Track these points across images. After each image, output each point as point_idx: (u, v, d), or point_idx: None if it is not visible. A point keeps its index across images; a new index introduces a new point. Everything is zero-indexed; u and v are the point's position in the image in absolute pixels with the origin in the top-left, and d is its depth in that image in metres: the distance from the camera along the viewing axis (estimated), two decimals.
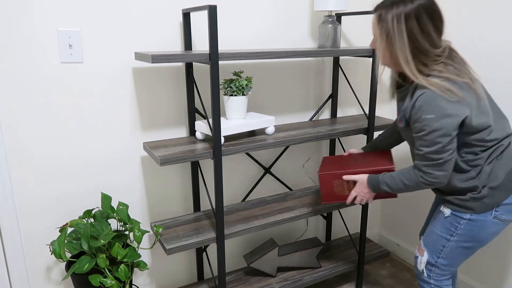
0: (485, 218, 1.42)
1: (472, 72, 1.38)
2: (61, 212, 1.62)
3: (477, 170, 1.39)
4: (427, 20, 1.31)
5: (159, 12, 1.62)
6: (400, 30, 1.31)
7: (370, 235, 2.57)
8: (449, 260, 1.49)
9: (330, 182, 1.60)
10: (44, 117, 1.51)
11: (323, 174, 1.59)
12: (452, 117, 1.29)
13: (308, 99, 2.08)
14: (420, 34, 1.31)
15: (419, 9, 1.30)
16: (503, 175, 1.40)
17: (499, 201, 1.41)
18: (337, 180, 1.60)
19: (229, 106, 1.64)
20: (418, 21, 1.31)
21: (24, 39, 1.42)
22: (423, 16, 1.30)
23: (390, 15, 1.32)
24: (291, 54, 1.58)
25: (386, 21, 1.33)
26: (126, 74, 1.61)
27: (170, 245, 1.54)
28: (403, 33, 1.31)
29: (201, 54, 1.40)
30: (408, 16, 1.30)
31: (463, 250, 1.47)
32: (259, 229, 1.71)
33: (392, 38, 1.33)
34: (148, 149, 1.58)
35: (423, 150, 1.35)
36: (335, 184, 1.61)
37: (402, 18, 1.31)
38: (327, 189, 1.62)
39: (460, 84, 1.32)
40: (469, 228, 1.44)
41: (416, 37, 1.31)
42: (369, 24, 2.14)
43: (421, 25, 1.31)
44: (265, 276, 1.96)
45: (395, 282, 2.23)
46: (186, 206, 1.89)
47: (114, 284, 1.43)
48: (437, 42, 1.34)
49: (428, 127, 1.32)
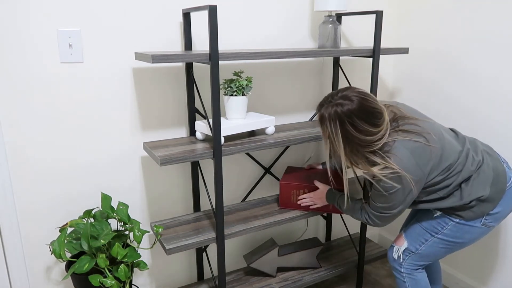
0: (473, 224, 1.47)
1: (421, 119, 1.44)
2: (61, 212, 1.62)
3: (456, 194, 1.44)
4: (359, 121, 1.33)
5: (159, 12, 1.62)
6: (337, 132, 1.35)
7: (370, 235, 2.57)
8: (427, 252, 1.54)
9: (289, 191, 1.80)
10: (44, 117, 1.51)
11: (284, 183, 1.79)
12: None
13: (309, 99, 2.08)
14: (356, 134, 1.34)
15: (350, 114, 1.33)
16: (488, 188, 1.43)
17: (488, 210, 1.45)
18: (294, 190, 1.80)
19: (229, 106, 1.64)
20: (352, 125, 1.33)
21: (24, 39, 1.42)
22: (354, 119, 1.33)
23: (327, 119, 1.36)
24: (291, 54, 1.58)
25: (326, 124, 1.37)
26: (126, 74, 1.61)
27: (170, 245, 1.54)
28: (340, 134, 1.35)
29: (201, 54, 1.40)
30: (343, 122, 1.33)
31: (444, 247, 1.52)
32: (259, 229, 1.71)
33: (335, 139, 1.37)
34: (148, 149, 1.58)
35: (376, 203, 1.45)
36: (292, 194, 1.81)
37: (337, 122, 1.34)
38: (285, 196, 1.82)
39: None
40: (456, 230, 1.49)
41: (355, 136, 1.34)
42: (369, 24, 2.14)
43: (356, 127, 1.33)
44: (265, 276, 1.96)
45: (395, 282, 2.22)
46: (186, 206, 1.89)
47: (114, 284, 1.43)
48: (375, 131, 1.35)
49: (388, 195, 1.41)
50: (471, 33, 1.86)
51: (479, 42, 1.83)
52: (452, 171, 1.41)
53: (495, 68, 1.78)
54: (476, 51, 1.85)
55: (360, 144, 1.36)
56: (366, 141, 1.35)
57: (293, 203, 1.82)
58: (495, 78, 1.79)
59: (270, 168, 2.03)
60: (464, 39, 1.89)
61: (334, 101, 1.36)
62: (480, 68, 1.84)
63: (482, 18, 1.80)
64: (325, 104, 1.38)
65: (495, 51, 1.77)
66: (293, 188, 1.79)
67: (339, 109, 1.33)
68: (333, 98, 1.37)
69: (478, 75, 1.86)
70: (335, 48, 1.82)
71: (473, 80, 1.88)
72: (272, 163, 2.03)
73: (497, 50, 1.77)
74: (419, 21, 2.09)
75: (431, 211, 1.54)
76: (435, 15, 2.01)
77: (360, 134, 1.34)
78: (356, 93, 1.36)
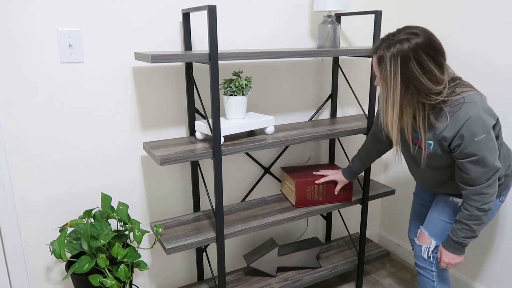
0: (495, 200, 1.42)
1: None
2: (61, 212, 1.62)
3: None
4: (427, 58, 1.24)
5: (159, 12, 1.62)
6: (397, 72, 1.25)
7: (370, 235, 2.57)
8: None
9: (305, 188, 1.83)
10: (44, 117, 1.51)
11: (300, 181, 1.81)
12: (491, 127, 1.29)
13: (308, 99, 2.08)
14: (421, 74, 1.24)
15: (417, 48, 1.23)
16: (509, 160, 1.41)
17: (509, 185, 1.42)
18: (310, 187, 1.83)
19: (229, 106, 1.64)
20: (417, 62, 1.24)
21: (24, 39, 1.42)
22: (421, 55, 1.23)
23: (388, 58, 1.25)
24: (291, 54, 1.59)
25: (385, 64, 1.27)
26: (126, 74, 1.61)
27: (170, 245, 1.54)
28: (400, 76, 1.25)
29: (201, 54, 1.40)
30: (407, 58, 1.23)
31: None
32: (259, 229, 1.71)
33: (393, 81, 1.27)
34: (148, 149, 1.58)
35: (479, 172, 1.30)
36: (308, 190, 1.84)
37: (399, 60, 1.24)
38: (301, 195, 1.83)
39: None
40: None
41: (418, 78, 1.24)
42: (369, 24, 2.14)
43: (421, 65, 1.24)
44: (265, 276, 1.96)
45: (395, 282, 2.23)
46: (186, 206, 1.89)
47: (114, 284, 1.43)
48: (440, 79, 1.28)
49: (481, 149, 1.28)
50: (471, 32, 1.86)
51: (479, 41, 1.83)
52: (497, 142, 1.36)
53: (496, 66, 1.78)
54: (476, 50, 1.85)
55: (420, 89, 1.26)
56: (427, 89, 1.25)
57: (309, 200, 1.84)
58: (496, 75, 1.79)
59: (270, 168, 2.04)
60: (464, 39, 1.89)
61: (396, 39, 1.25)
62: (481, 68, 1.84)
63: (483, 17, 1.81)
64: (383, 44, 1.28)
65: (495, 51, 1.78)
66: (309, 184, 1.82)
67: (405, 45, 1.22)
68: (395, 36, 1.26)
69: (478, 74, 1.86)
70: (335, 48, 1.82)
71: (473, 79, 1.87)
72: (272, 163, 2.03)
73: (498, 50, 1.77)
74: (419, 21, 2.09)
75: (451, 201, 1.49)
76: (435, 15, 2.01)
77: (424, 74, 1.24)
78: (421, 28, 1.26)
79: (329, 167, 1.98)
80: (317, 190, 1.85)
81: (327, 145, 2.22)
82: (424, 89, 1.27)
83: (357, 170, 1.81)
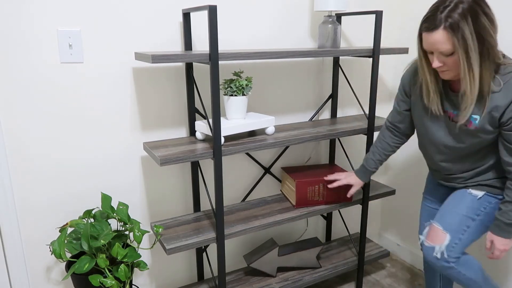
0: None
1: None
2: (61, 212, 1.62)
3: None
4: (488, 8, 1.22)
5: (159, 12, 1.62)
6: (472, 32, 1.20)
7: (370, 235, 2.57)
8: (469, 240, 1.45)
9: (305, 188, 1.82)
10: (44, 117, 1.51)
11: (300, 182, 1.80)
12: None
13: (308, 99, 2.08)
14: (490, 27, 1.22)
15: (477, 1, 1.20)
16: None
17: None
18: (311, 187, 1.83)
19: (229, 106, 1.64)
20: (485, 14, 1.21)
21: (24, 39, 1.42)
22: (483, 7, 1.21)
23: (461, 21, 1.19)
24: (291, 54, 1.58)
25: (461, 28, 1.20)
26: (126, 74, 1.61)
27: (170, 245, 1.54)
28: (476, 35, 1.21)
29: (201, 54, 1.40)
30: (476, 13, 1.19)
31: (482, 228, 1.45)
32: (259, 229, 1.71)
33: (473, 43, 1.22)
34: (148, 149, 1.58)
35: None
36: (308, 190, 1.83)
37: (470, 19, 1.19)
38: (302, 195, 1.83)
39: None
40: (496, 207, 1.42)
41: (489, 32, 1.22)
42: (369, 24, 2.14)
43: (489, 17, 1.21)
44: (265, 276, 1.96)
45: (395, 282, 2.23)
46: (186, 206, 1.89)
47: (114, 284, 1.43)
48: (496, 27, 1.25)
49: None
50: None
51: None
52: None
53: None
54: None
55: (494, 46, 1.23)
56: (496, 45, 1.23)
57: (310, 200, 1.85)
58: None
59: (270, 168, 2.03)
60: None
61: (451, 4, 1.21)
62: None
63: None
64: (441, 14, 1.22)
65: None
66: (309, 184, 1.82)
67: (465, 3, 1.19)
68: (445, 3, 1.23)
69: None
70: (335, 48, 1.82)
71: None
72: (272, 163, 2.03)
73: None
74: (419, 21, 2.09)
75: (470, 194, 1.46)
76: None
77: (493, 27, 1.21)
78: None
79: (330, 167, 1.98)
80: (318, 190, 1.85)
81: (327, 145, 2.22)
82: (495, 46, 1.24)
83: (373, 168, 1.74)
